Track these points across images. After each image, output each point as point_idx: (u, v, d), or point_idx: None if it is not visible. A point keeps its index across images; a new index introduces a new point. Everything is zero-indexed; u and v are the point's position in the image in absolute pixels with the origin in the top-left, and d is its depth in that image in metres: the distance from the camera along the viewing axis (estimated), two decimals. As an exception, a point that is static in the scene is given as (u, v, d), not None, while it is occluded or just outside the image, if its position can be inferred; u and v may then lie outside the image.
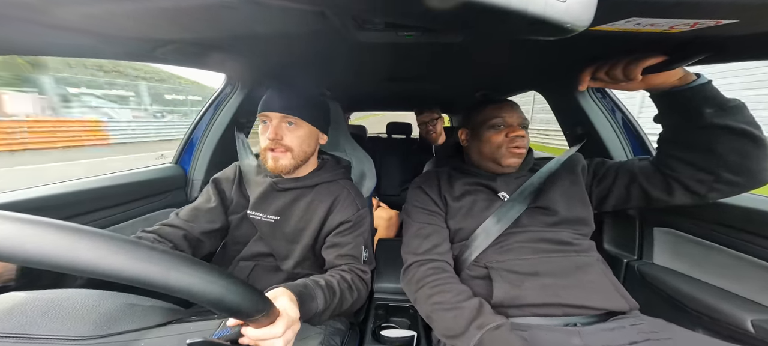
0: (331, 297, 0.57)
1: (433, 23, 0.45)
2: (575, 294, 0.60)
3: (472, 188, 0.75)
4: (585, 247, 0.68)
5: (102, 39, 0.49)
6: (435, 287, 0.63)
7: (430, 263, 0.68)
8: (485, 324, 0.54)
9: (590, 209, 0.72)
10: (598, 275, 0.64)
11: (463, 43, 0.60)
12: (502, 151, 0.72)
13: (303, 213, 0.74)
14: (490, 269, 0.66)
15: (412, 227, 0.75)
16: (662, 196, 0.65)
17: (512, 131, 0.71)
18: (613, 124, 0.98)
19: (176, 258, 0.27)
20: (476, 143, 0.77)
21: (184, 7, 0.37)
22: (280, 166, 0.69)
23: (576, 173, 0.75)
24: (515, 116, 0.73)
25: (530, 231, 0.69)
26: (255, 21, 0.46)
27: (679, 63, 0.53)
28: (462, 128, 0.82)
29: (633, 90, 0.60)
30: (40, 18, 0.40)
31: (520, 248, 0.67)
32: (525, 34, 0.32)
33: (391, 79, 1.16)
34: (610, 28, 0.40)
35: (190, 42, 0.60)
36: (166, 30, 0.50)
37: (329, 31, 0.52)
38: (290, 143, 0.69)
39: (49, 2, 0.37)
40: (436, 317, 0.61)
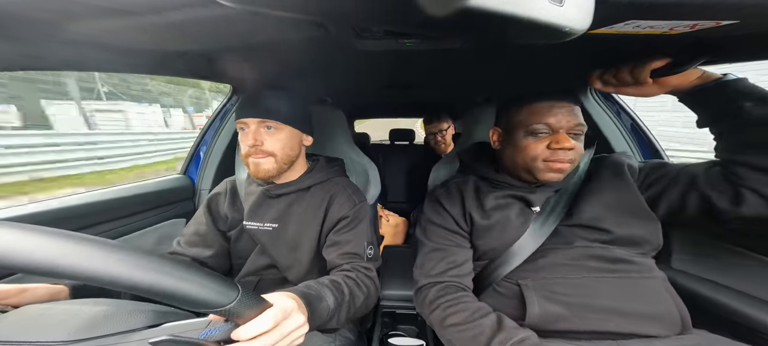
0: (340, 295, 0.55)
1: (432, 30, 0.45)
2: (630, 323, 0.53)
3: (504, 201, 0.66)
4: (647, 266, 0.59)
5: (113, 53, 0.51)
6: (448, 308, 0.58)
7: (443, 283, 0.63)
8: (508, 339, 0.49)
9: (653, 221, 0.60)
10: (662, 300, 0.55)
11: (463, 48, 0.61)
12: (539, 165, 0.61)
13: (300, 217, 0.72)
14: (523, 286, 0.58)
15: (426, 245, 0.69)
16: (729, 206, 0.53)
17: (557, 142, 0.58)
18: (619, 127, 0.97)
19: (137, 255, 0.25)
20: (510, 149, 0.66)
21: (191, 19, 0.39)
22: (263, 170, 0.67)
23: (624, 179, 0.63)
24: (566, 120, 0.59)
25: (576, 247, 0.60)
26: (258, 32, 0.47)
27: (685, 65, 0.52)
28: (495, 127, 0.71)
29: (649, 95, 0.56)
30: (54, 33, 0.41)
31: (562, 265, 0.59)
32: (523, 39, 0.32)
33: (392, 87, 1.17)
34: (609, 31, 0.40)
35: (197, 54, 0.62)
36: (175, 43, 0.51)
37: (329, 40, 0.53)
38: (271, 148, 0.67)
39: (63, 17, 0.39)
40: (454, 339, 0.56)
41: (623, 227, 0.59)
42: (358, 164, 1.02)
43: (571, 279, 0.58)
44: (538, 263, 0.61)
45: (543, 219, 0.63)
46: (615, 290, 0.56)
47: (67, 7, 0.37)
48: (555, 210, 0.63)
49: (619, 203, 0.61)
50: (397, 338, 0.72)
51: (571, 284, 0.57)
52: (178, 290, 0.26)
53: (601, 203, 0.62)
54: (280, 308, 0.37)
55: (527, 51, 0.67)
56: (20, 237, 0.22)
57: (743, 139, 0.52)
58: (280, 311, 0.37)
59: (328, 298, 0.52)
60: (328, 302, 0.51)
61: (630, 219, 0.60)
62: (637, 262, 0.58)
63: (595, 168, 0.68)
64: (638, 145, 0.95)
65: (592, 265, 0.59)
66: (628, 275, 0.57)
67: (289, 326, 0.38)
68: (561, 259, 0.60)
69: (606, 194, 0.63)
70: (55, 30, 0.41)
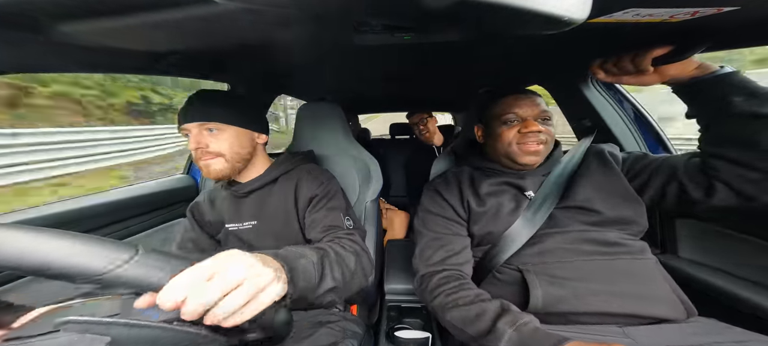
0: (321, 251, 0.52)
1: (430, 23, 0.45)
2: (629, 304, 0.54)
3: (498, 188, 0.70)
4: (638, 248, 0.61)
5: (104, 54, 0.51)
6: (451, 295, 0.60)
7: (443, 272, 0.64)
8: (516, 321, 0.50)
9: (638, 204, 0.64)
10: (657, 281, 0.58)
11: (462, 41, 0.60)
12: (514, 149, 0.68)
13: (275, 209, 0.73)
14: (524, 271, 0.60)
15: (425, 235, 0.71)
16: (702, 197, 0.57)
17: (525, 127, 0.66)
18: (622, 116, 0.96)
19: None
20: (490, 140, 0.74)
21: (182, 18, 0.38)
22: (214, 171, 0.67)
23: (609, 166, 0.68)
24: (531, 109, 0.67)
25: (571, 231, 0.63)
26: (252, 28, 0.47)
27: (686, 52, 0.52)
28: (477, 124, 0.79)
29: (648, 84, 0.57)
30: (44, 35, 0.41)
31: (559, 249, 0.61)
32: (521, 30, 0.32)
33: (391, 81, 1.17)
34: (609, 20, 0.39)
35: (191, 52, 0.61)
36: (166, 42, 0.51)
37: (327, 35, 0.52)
38: (217, 148, 0.66)
39: (51, 19, 0.38)
40: (457, 320, 0.56)
41: (612, 209, 0.63)
42: (359, 160, 1.01)
43: (568, 262, 0.60)
44: (536, 248, 0.63)
45: (538, 204, 0.65)
46: (610, 272, 0.58)
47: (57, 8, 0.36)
48: (550, 195, 0.65)
49: (607, 186, 0.65)
50: (404, 331, 0.73)
51: (570, 268, 0.59)
52: (50, 260, 0.23)
53: (591, 185, 0.66)
54: (216, 260, 0.30)
55: (526, 42, 0.67)
56: None
57: (725, 132, 0.53)
58: (213, 261, 0.30)
59: (309, 254, 0.47)
60: (310, 257, 0.46)
61: (618, 201, 0.64)
62: (628, 245, 0.61)
63: (584, 158, 0.71)
64: (642, 134, 0.95)
65: (586, 248, 0.61)
66: (620, 256, 0.60)
67: (235, 274, 0.30)
68: (558, 243, 0.62)
69: (595, 178, 0.67)
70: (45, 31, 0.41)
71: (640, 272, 0.58)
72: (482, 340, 0.52)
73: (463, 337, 0.56)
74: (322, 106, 1.04)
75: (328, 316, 0.73)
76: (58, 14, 0.38)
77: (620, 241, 0.61)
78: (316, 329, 0.67)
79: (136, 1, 0.36)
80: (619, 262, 0.59)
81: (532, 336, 0.47)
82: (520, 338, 0.47)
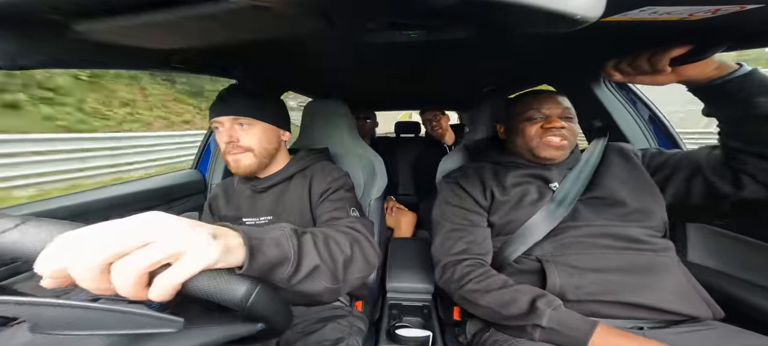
0: (305, 231, 0.46)
1: (437, 21, 0.44)
2: (646, 294, 0.54)
3: (523, 179, 0.72)
4: (661, 246, 0.61)
5: (119, 51, 0.52)
6: (482, 281, 0.61)
7: (467, 260, 0.66)
8: (552, 302, 0.53)
9: (661, 201, 0.64)
10: (678, 278, 0.57)
11: (469, 39, 0.60)
12: (536, 143, 0.69)
13: (290, 205, 0.74)
14: (544, 261, 0.61)
15: (445, 226, 0.72)
16: (730, 190, 0.57)
17: (548, 122, 0.67)
18: (634, 117, 0.94)
19: None
20: (513, 136, 0.75)
21: (194, 15, 0.39)
22: (243, 166, 0.68)
23: (632, 161, 0.69)
24: (554, 107, 0.69)
25: (593, 225, 0.63)
26: (260, 26, 0.47)
27: (705, 52, 0.50)
28: (499, 123, 0.82)
29: (664, 83, 0.55)
30: (60, 32, 0.42)
31: (579, 242, 0.62)
32: (531, 28, 0.31)
33: (397, 79, 1.16)
34: (623, 19, 0.38)
35: (199, 51, 0.62)
36: (178, 39, 0.52)
37: (333, 33, 0.52)
38: (248, 143, 0.67)
39: (71, 18, 0.40)
40: (492, 304, 0.58)
41: (637, 200, 0.63)
42: (364, 158, 1.02)
43: (587, 254, 0.60)
44: (557, 240, 0.63)
45: (561, 196, 0.66)
46: (632, 265, 0.58)
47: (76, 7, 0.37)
48: (573, 188, 0.66)
49: (631, 180, 0.66)
50: (404, 330, 0.73)
51: (590, 259, 0.59)
52: None
53: (615, 178, 0.67)
54: (116, 221, 0.25)
55: (535, 41, 0.65)
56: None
57: (750, 130, 0.54)
58: (109, 223, 0.25)
59: (286, 228, 0.42)
60: (285, 230, 0.41)
61: (642, 193, 0.64)
62: (651, 242, 0.60)
63: (604, 154, 0.72)
64: (656, 135, 0.92)
65: (608, 242, 0.61)
66: (642, 252, 0.59)
67: (132, 235, 0.24)
68: (579, 237, 0.63)
69: (618, 172, 0.68)
70: (65, 29, 0.42)
71: (662, 267, 0.58)
72: (520, 320, 0.55)
73: (495, 319, 0.60)
74: (327, 104, 1.04)
75: (335, 311, 0.73)
76: (77, 12, 0.39)
77: (643, 238, 0.60)
78: (323, 324, 0.68)
79: None
80: (642, 256, 0.59)
81: (567, 316, 0.51)
82: (559, 317, 0.51)
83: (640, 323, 0.55)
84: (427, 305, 0.85)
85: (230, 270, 0.30)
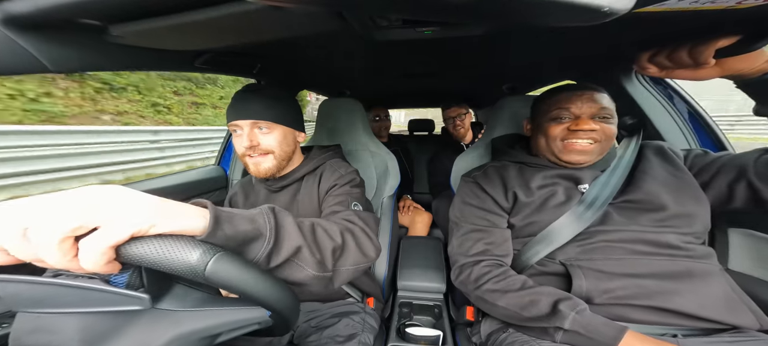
0: (289, 215, 0.44)
1: (453, 16, 0.43)
2: (681, 300, 0.51)
3: (551, 181, 0.67)
4: (701, 253, 0.57)
5: (150, 53, 0.55)
6: (500, 281, 0.60)
7: (485, 261, 0.64)
8: (576, 305, 0.51)
9: (706, 204, 0.59)
10: (719, 285, 0.53)
11: (486, 35, 0.57)
12: (558, 145, 0.65)
13: (302, 205, 0.75)
14: (568, 265, 0.59)
15: (463, 226, 0.70)
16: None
17: (576, 124, 0.62)
18: (672, 114, 0.86)
19: None
20: (537, 134, 0.71)
21: (216, 16, 0.40)
22: (263, 169, 0.68)
23: (675, 163, 0.64)
24: (587, 106, 0.62)
25: (625, 230, 0.59)
26: (277, 26, 0.48)
27: (756, 43, 0.44)
28: (527, 118, 0.77)
29: (707, 78, 0.49)
30: (100, 37, 0.45)
31: (609, 247, 0.58)
32: (554, 21, 0.29)
33: (411, 76, 1.15)
34: (659, 9, 0.35)
35: (222, 51, 0.65)
36: (202, 40, 0.54)
37: (348, 31, 0.53)
38: (268, 146, 0.67)
39: (108, 22, 0.43)
40: (511, 305, 0.56)
41: (680, 204, 0.58)
42: (377, 156, 1.02)
43: (616, 259, 0.57)
44: (585, 243, 0.60)
45: (590, 200, 0.62)
46: (667, 271, 0.54)
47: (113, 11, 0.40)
48: (604, 191, 0.62)
49: (673, 182, 0.61)
50: (414, 328, 0.73)
51: (619, 264, 0.56)
52: None
53: (656, 180, 0.61)
54: (56, 197, 0.25)
55: (558, 34, 0.62)
56: None
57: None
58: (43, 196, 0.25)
59: (262, 206, 0.41)
60: (259, 208, 0.40)
61: (684, 196, 0.59)
62: (691, 249, 0.56)
63: (641, 154, 0.67)
64: (697, 135, 0.84)
65: (641, 249, 0.57)
66: (678, 259, 0.55)
67: (55, 203, 0.24)
68: (610, 241, 0.59)
69: (659, 173, 0.62)
70: (102, 34, 0.45)
71: (701, 272, 0.54)
72: (541, 322, 0.53)
73: (514, 320, 0.58)
74: (342, 102, 1.05)
75: (348, 307, 0.75)
76: (113, 16, 0.42)
77: (682, 245, 0.56)
78: (337, 319, 0.69)
79: (175, 1, 0.39)
80: (678, 262, 0.55)
81: (592, 320, 0.49)
82: (583, 321, 0.49)
83: (673, 329, 0.52)
84: (438, 305, 0.84)
85: (186, 237, 0.28)
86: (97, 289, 0.26)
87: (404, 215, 1.53)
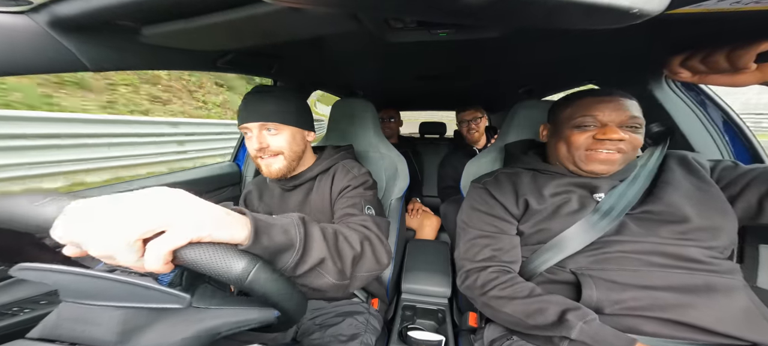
0: (315, 223, 0.45)
1: (471, 20, 0.42)
2: (697, 314, 0.49)
3: (565, 189, 0.65)
4: (724, 268, 0.54)
5: (175, 53, 0.58)
6: (507, 288, 0.59)
7: (492, 267, 0.63)
8: (586, 315, 0.50)
9: (733, 218, 0.56)
10: (741, 300, 0.51)
11: (502, 37, 0.56)
12: (581, 154, 0.62)
13: (315, 205, 0.76)
14: (579, 274, 0.57)
15: (470, 232, 0.69)
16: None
17: (603, 133, 0.58)
18: (705, 122, 0.80)
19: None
20: (556, 141, 0.67)
21: (235, 18, 0.42)
22: (275, 170, 0.70)
23: (699, 175, 0.60)
24: (616, 114, 0.58)
25: (643, 242, 0.56)
26: (295, 27, 0.49)
27: None
28: (544, 123, 0.74)
29: (744, 84, 0.45)
30: (133, 38, 0.48)
31: (623, 258, 0.56)
32: (579, 25, 0.28)
33: (424, 79, 1.14)
34: (695, 10, 0.33)
35: (242, 51, 0.67)
36: (223, 41, 0.56)
37: (362, 33, 0.53)
38: (278, 148, 0.68)
39: (139, 23, 0.45)
40: (517, 313, 0.56)
41: (704, 218, 0.55)
42: (387, 157, 1.02)
43: (631, 270, 0.55)
44: (597, 253, 0.58)
45: (606, 209, 0.59)
46: (685, 284, 0.51)
47: (144, 14, 0.43)
48: (622, 201, 0.59)
49: (698, 194, 0.58)
50: (417, 332, 0.72)
51: (633, 275, 0.54)
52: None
53: (679, 191, 0.58)
54: (128, 199, 0.27)
55: (579, 37, 0.59)
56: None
57: None
58: (107, 197, 0.27)
59: (292, 215, 0.42)
60: (291, 218, 0.41)
61: (710, 209, 0.56)
62: (713, 263, 0.53)
63: (664, 163, 0.64)
64: (732, 145, 0.78)
65: (658, 261, 0.54)
66: (698, 273, 0.53)
67: (120, 210, 0.26)
68: (624, 252, 0.56)
69: (683, 184, 0.59)
70: (134, 35, 0.48)
71: (722, 287, 0.51)
72: (547, 331, 0.52)
73: (519, 328, 0.57)
74: (354, 103, 1.06)
75: (353, 307, 0.75)
76: (146, 18, 0.45)
77: (703, 258, 0.53)
78: (341, 318, 0.69)
79: (201, 4, 0.40)
80: (697, 276, 0.52)
81: (600, 331, 0.48)
82: (591, 330, 0.48)
83: (688, 344, 0.49)
84: (442, 310, 0.83)
85: (231, 246, 0.30)
86: (150, 287, 0.29)
87: (412, 218, 1.52)
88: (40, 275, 0.26)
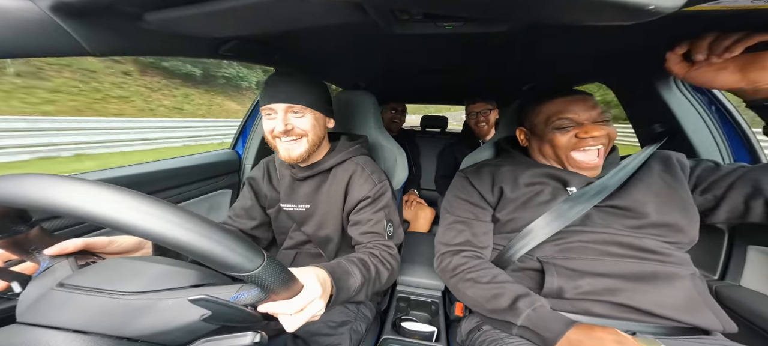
0: (367, 273, 0.58)
1: (479, 12, 0.41)
2: (643, 299, 0.54)
3: (539, 179, 0.68)
4: (676, 259, 0.58)
5: (178, 39, 0.57)
6: (470, 273, 0.63)
7: (464, 252, 0.67)
8: (534, 302, 0.54)
9: (693, 218, 0.59)
10: (685, 288, 0.55)
11: (509, 31, 0.55)
12: (568, 155, 0.65)
13: (326, 198, 0.75)
14: (544, 262, 0.61)
15: (448, 217, 0.73)
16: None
17: (585, 132, 0.61)
18: (709, 123, 0.80)
19: (176, 213, 0.27)
20: (539, 144, 0.69)
21: (238, 6, 0.41)
22: (296, 154, 0.68)
23: (674, 174, 0.63)
24: (587, 112, 0.62)
25: (602, 233, 0.60)
26: (299, 15, 0.48)
27: None
28: (519, 127, 0.75)
29: (724, 87, 0.46)
30: (135, 23, 0.47)
31: (584, 248, 0.60)
32: (592, 20, 0.27)
33: (428, 72, 1.12)
34: (711, 7, 0.32)
35: (245, 39, 0.66)
36: (226, 28, 0.55)
37: (367, 24, 0.52)
38: (303, 130, 0.67)
39: (141, 9, 0.44)
40: (477, 296, 0.60)
41: (663, 215, 0.59)
42: (387, 149, 1.02)
43: (591, 259, 0.59)
44: (562, 243, 0.62)
45: (574, 201, 0.62)
46: (635, 273, 0.56)
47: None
48: (593, 194, 0.62)
49: (665, 193, 0.61)
50: (410, 323, 0.73)
51: (591, 264, 0.58)
52: (210, 251, 0.27)
53: (648, 190, 0.62)
54: (308, 293, 0.39)
55: (587, 34, 0.58)
56: (84, 192, 0.25)
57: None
58: (307, 295, 0.39)
59: (356, 275, 0.55)
60: (355, 278, 0.54)
61: (673, 209, 0.60)
62: (667, 253, 0.58)
63: (647, 161, 0.67)
64: (731, 144, 0.78)
65: (615, 250, 0.59)
66: (650, 262, 0.57)
67: (311, 310, 0.40)
68: (585, 242, 0.61)
69: (654, 182, 0.63)
70: (136, 20, 0.47)
71: (668, 275, 0.55)
72: (500, 315, 0.57)
73: (480, 310, 0.62)
74: (356, 95, 1.05)
75: None
76: (148, 3, 0.44)
77: (658, 249, 0.58)
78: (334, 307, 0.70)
79: None
80: (648, 265, 0.57)
81: (544, 317, 0.52)
82: (536, 317, 0.52)
83: (634, 326, 0.54)
84: (435, 302, 0.84)
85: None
86: (264, 320, 0.37)
87: (407, 210, 1.53)
88: (205, 304, 0.31)
